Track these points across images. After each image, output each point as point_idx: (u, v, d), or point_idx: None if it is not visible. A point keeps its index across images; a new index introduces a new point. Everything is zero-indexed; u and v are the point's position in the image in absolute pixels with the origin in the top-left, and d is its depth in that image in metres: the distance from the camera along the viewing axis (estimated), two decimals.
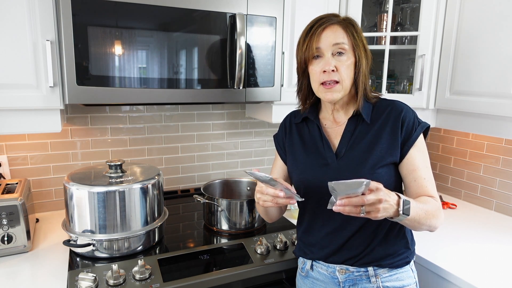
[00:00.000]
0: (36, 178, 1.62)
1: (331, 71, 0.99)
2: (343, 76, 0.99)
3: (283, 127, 1.21)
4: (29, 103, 1.22)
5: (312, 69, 1.03)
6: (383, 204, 0.82)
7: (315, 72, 1.02)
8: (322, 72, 1.00)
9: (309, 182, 1.07)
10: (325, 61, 1.00)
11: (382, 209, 0.82)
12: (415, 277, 1.10)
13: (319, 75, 1.01)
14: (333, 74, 0.99)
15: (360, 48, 1.01)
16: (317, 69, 1.01)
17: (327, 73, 0.99)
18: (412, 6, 1.86)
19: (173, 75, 1.33)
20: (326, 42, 0.99)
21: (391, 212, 0.85)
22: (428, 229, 0.98)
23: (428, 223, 0.95)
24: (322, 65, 1.00)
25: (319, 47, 1.00)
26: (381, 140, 1.02)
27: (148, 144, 1.81)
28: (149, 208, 1.29)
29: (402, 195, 0.88)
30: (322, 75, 1.00)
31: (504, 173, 1.72)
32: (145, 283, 1.11)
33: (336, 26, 1.00)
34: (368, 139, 1.03)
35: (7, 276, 1.15)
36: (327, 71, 0.99)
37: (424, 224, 0.94)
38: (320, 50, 1.00)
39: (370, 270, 1.06)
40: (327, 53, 0.99)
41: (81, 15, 1.16)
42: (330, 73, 0.99)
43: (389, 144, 1.01)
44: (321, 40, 0.99)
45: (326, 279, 1.10)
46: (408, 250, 1.08)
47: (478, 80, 1.48)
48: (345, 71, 0.99)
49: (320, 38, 0.99)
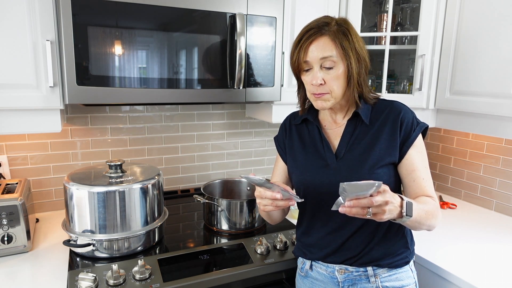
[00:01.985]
0: (36, 178, 1.62)
1: (319, 84, 0.99)
2: (332, 88, 1.00)
3: (283, 128, 1.21)
4: (29, 103, 1.22)
5: (304, 80, 1.04)
6: (389, 206, 0.82)
7: (306, 83, 1.04)
8: (311, 84, 1.01)
9: (309, 183, 1.07)
10: (312, 75, 1.00)
11: (387, 211, 0.82)
12: (414, 277, 1.10)
13: (309, 86, 1.02)
14: (321, 87, 1.00)
15: (351, 57, 0.99)
16: (307, 79, 1.02)
17: (315, 86, 1.00)
18: (412, 6, 1.86)
19: (173, 75, 1.33)
20: (313, 56, 0.98)
21: (395, 214, 0.85)
22: (427, 228, 0.99)
23: (428, 223, 0.95)
24: (311, 78, 1.01)
25: (307, 61, 1.00)
26: (380, 141, 1.02)
27: (148, 144, 1.81)
28: (149, 208, 1.29)
29: (404, 196, 0.89)
30: (312, 87, 1.01)
31: (504, 173, 1.72)
32: (145, 283, 1.11)
33: (324, 38, 0.98)
34: (367, 140, 1.04)
35: (7, 276, 1.15)
36: (314, 85, 1.00)
37: (424, 224, 0.95)
38: (308, 63, 1.00)
39: (369, 270, 1.06)
40: (316, 66, 0.99)
41: (81, 15, 1.16)
42: (318, 86, 1.00)
43: (388, 145, 1.02)
44: (308, 54, 0.99)
45: (326, 279, 1.10)
46: (408, 250, 1.08)
47: (478, 80, 1.48)
48: (333, 83, 0.99)
49: (308, 52, 0.99)
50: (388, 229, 1.06)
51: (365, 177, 1.00)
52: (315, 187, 1.07)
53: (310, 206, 1.11)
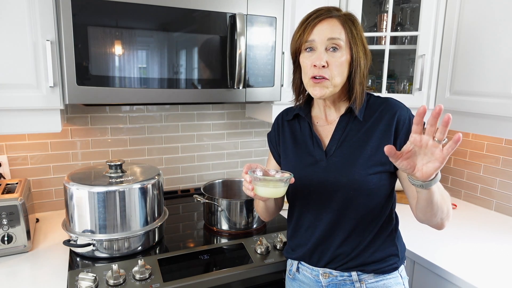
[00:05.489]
0: (36, 178, 1.62)
1: (322, 66, 0.94)
2: (333, 73, 0.95)
3: (276, 125, 1.18)
4: (29, 103, 1.22)
5: (303, 62, 0.99)
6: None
7: (306, 65, 0.98)
8: (312, 66, 0.96)
9: (298, 180, 1.02)
10: (316, 55, 0.95)
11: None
12: (404, 283, 1.06)
13: (309, 68, 0.97)
14: (323, 70, 0.94)
15: (358, 45, 0.96)
16: (308, 62, 0.97)
17: (317, 68, 0.95)
18: (412, 6, 1.86)
19: (173, 75, 1.33)
20: (321, 35, 0.94)
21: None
22: (441, 218, 0.92)
23: (445, 208, 0.89)
24: (313, 59, 0.95)
25: (313, 40, 0.95)
26: (372, 139, 0.99)
27: (148, 144, 1.81)
28: (149, 208, 1.29)
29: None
30: (312, 69, 0.96)
31: (504, 173, 1.72)
32: (145, 283, 1.11)
33: (334, 20, 0.95)
34: (360, 137, 1.00)
35: (7, 276, 1.15)
36: (317, 66, 0.95)
37: (439, 209, 0.88)
38: (313, 42, 0.95)
39: (354, 275, 1.03)
40: (321, 47, 0.95)
41: (81, 15, 1.16)
42: (320, 68, 0.94)
43: (380, 143, 0.98)
44: (315, 33, 0.94)
45: (311, 283, 1.08)
46: (396, 257, 1.04)
47: (478, 80, 1.48)
48: (336, 68, 0.95)
49: (315, 30, 0.95)
50: (377, 234, 1.02)
51: (355, 177, 0.97)
52: (304, 185, 1.03)
53: (299, 206, 1.09)
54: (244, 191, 0.94)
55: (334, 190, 1.00)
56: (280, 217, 1.62)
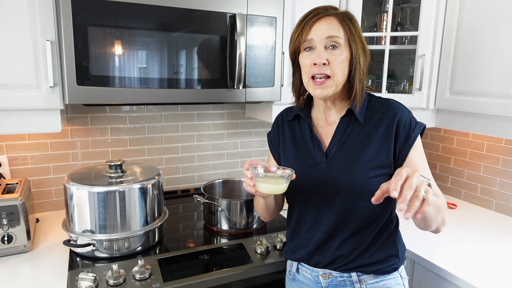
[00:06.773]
0: (36, 178, 1.62)
1: (322, 64, 0.93)
2: (335, 71, 0.94)
3: (275, 125, 1.17)
4: (29, 103, 1.22)
5: (303, 61, 0.98)
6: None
7: (306, 65, 0.97)
8: (312, 65, 0.95)
9: (298, 181, 1.02)
10: (316, 54, 0.95)
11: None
12: (404, 284, 1.06)
13: (309, 67, 0.96)
14: (324, 67, 0.94)
15: (357, 43, 0.95)
16: (307, 61, 0.96)
17: (318, 66, 0.94)
18: (412, 6, 1.86)
19: (173, 75, 1.33)
20: (319, 34, 0.94)
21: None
22: (437, 227, 0.92)
23: (440, 217, 0.89)
24: (313, 58, 0.95)
25: (312, 39, 0.95)
26: (373, 141, 0.98)
27: (148, 144, 1.81)
28: (149, 208, 1.29)
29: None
30: (313, 68, 0.95)
31: (504, 173, 1.72)
32: (145, 283, 1.11)
33: (331, 18, 0.95)
34: (360, 139, 1.00)
35: (7, 276, 1.15)
36: (318, 64, 0.94)
37: (434, 220, 0.88)
38: (312, 41, 0.95)
39: (354, 276, 1.02)
40: (320, 45, 0.95)
41: (81, 15, 1.16)
42: (321, 66, 0.94)
43: (380, 145, 0.98)
44: (314, 31, 0.94)
45: (311, 283, 1.08)
46: (396, 258, 1.04)
47: (478, 80, 1.48)
48: (338, 66, 0.94)
49: (313, 29, 0.94)
50: (378, 235, 1.02)
51: (355, 179, 0.97)
52: (303, 186, 1.03)
53: (299, 207, 1.08)
54: (245, 187, 0.94)
55: (334, 192, 1.00)
56: (280, 217, 1.62)
